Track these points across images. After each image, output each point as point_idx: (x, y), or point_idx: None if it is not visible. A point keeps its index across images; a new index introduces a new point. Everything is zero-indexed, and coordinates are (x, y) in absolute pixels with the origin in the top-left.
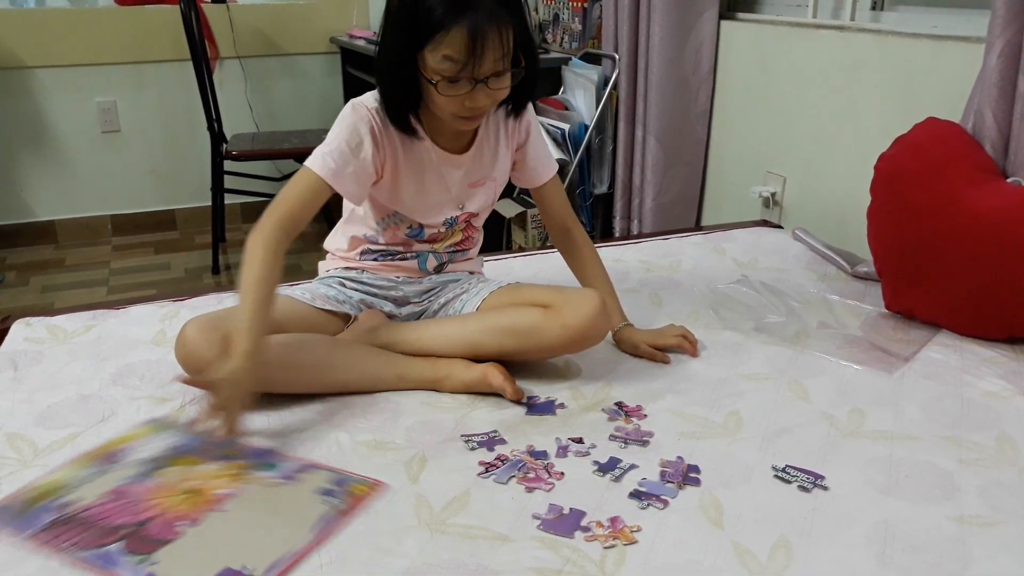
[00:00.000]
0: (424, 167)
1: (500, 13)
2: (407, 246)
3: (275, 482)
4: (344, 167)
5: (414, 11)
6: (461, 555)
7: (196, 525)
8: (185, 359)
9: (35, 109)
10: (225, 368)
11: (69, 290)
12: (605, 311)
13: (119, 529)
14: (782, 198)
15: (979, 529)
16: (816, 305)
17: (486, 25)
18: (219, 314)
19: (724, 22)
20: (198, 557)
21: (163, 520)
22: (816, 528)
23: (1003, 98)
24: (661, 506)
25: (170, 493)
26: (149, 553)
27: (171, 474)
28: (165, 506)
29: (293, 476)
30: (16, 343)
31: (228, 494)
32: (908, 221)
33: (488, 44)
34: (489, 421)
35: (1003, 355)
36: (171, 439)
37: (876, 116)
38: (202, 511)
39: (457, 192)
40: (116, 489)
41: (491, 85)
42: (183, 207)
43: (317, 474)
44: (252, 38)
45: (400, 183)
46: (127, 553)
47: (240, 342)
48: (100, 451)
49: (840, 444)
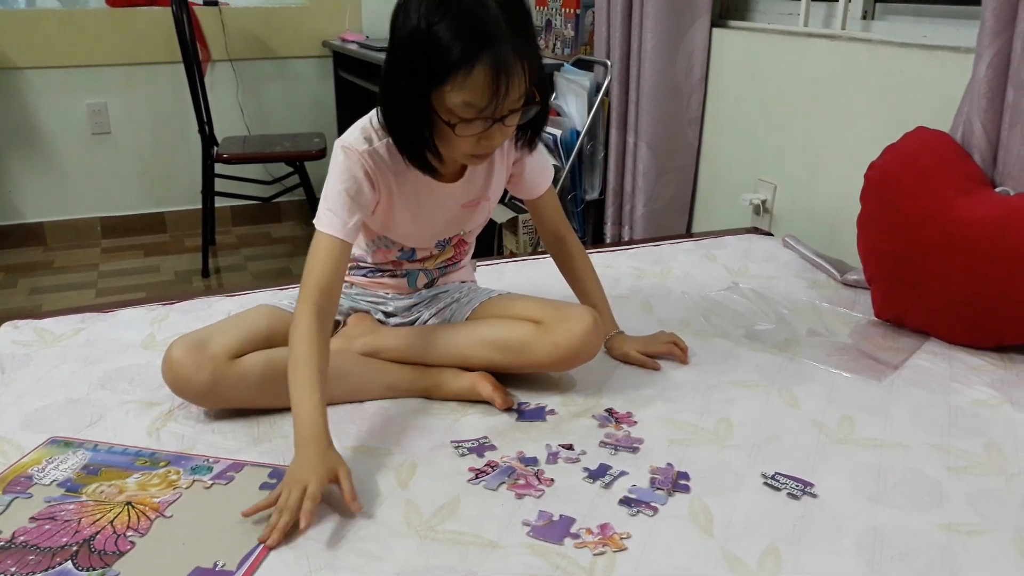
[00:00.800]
0: (420, 198)
1: (520, 47)
2: (397, 265)
3: (213, 483)
4: (351, 218)
5: (428, 48)
6: (451, 561)
7: (145, 535)
8: (175, 381)
9: (25, 110)
10: (307, 472)
11: (58, 292)
12: (597, 329)
13: (64, 548)
14: (773, 205)
15: (967, 537)
16: (806, 312)
17: (510, 62)
18: (203, 332)
19: (716, 30)
20: (161, 563)
21: (108, 534)
22: (805, 535)
23: (992, 108)
24: (651, 513)
25: (106, 508)
26: (107, 567)
27: (96, 491)
28: (104, 521)
29: (229, 476)
30: (3, 346)
31: (169, 500)
32: (898, 229)
33: (512, 83)
34: (479, 427)
35: (991, 363)
36: (77, 458)
37: (866, 125)
38: (147, 520)
39: (452, 216)
40: (39, 514)
41: (507, 123)
42: (173, 210)
43: (253, 471)
44: (244, 41)
45: (394, 215)
46: (81, 570)
47: (318, 442)
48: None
49: (829, 451)
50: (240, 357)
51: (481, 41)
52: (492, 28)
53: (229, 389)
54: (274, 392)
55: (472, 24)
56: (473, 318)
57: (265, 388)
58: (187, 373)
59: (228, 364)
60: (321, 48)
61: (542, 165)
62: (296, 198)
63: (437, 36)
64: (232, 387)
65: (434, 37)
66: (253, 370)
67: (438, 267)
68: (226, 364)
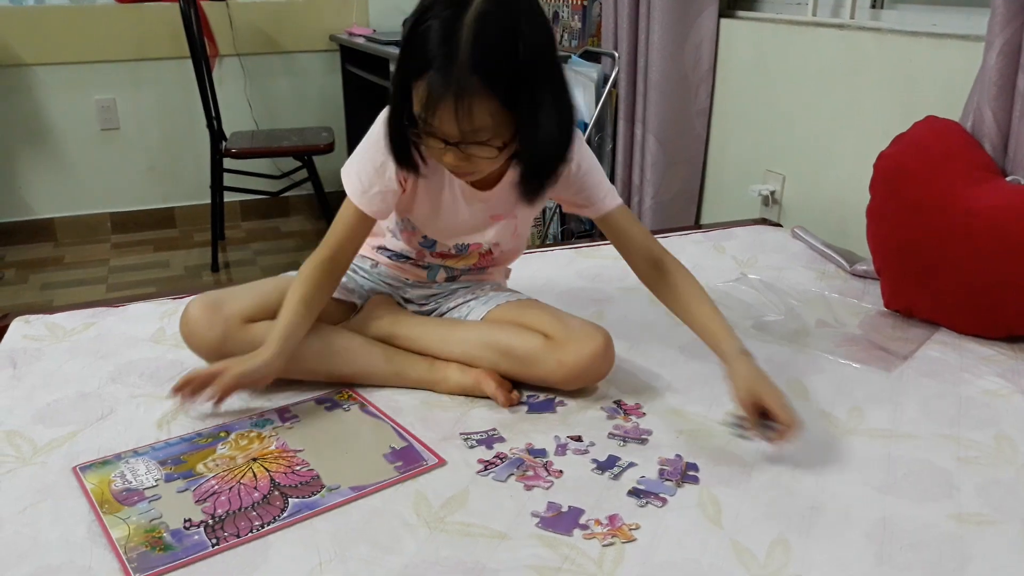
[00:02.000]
0: (442, 191)
1: (470, 83)
2: (420, 255)
3: (291, 424)
4: (370, 187)
5: (410, 44)
6: (460, 553)
7: (303, 466)
8: (188, 336)
9: (34, 107)
10: (245, 361)
11: (68, 288)
12: (607, 352)
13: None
14: (781, 196)
15: (977, 527)
16: (815, 303)
17: (445, 90)
18: (223, 293)
19: (724, 20)
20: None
21: (283, 474)
22: (815, 526)
23: (1002, 96)
24: (660, 504)
25: (243, 471)
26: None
27: (211, 465)
28: (262, 474)
29: (293, 417)
30: (15, 341)
31: (282, 447)
32: (907, 219)
33: (441, 111)
34: (488, 419)
35: (1001, 353)
36: (139, 464)
37: (875, 114)
38: (291, 459)
39: (473, 222)
40: (199, 492)
41: (466, 151)
42: (182, 205)
43: (308, 406)
44: (251, 36)
45: (416, 198)
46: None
47: (268, 346)
48: (109, 500)
49: (839, 442)
50: (254, 322)
51: (432, 58)
52: (447, 52)
53: (237, 350)
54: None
55: (437, 38)
56: (489, 319)
57: None
58: (200, 330)
59: (240, 326)
60: (328, 42)
61: (593, 183)
62: (305, 192)
63: (415, 37)
64: (240, 349)
65: (413, 37)
66: (262, 336)
67: (461, 269)
68: (238, 326)
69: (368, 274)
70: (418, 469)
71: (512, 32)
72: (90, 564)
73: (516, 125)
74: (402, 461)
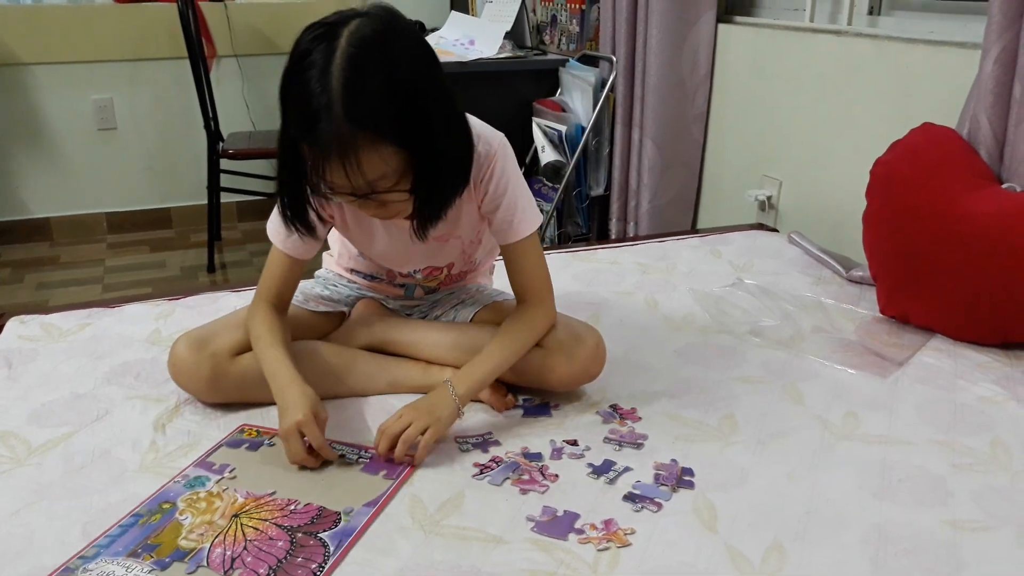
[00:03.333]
0: (373, 224)
1: (350, 135)
2: (391, 276)
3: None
4: (290, 232)
5: (287, 104)
6: (455, 556)
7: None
8: (177, 376)
9: (31, 106)
10: (289, 424)
11: (64, 288)
12: (598, 352)
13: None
14: (778, 202)
15: (972, 534)
16: (811, 309)
17: (328, 148)
18: (206, 329)
19: (721, 25)
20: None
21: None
22: (810, 532)
23: (998, 104)
24: (655, 509)
25: (229, 532)
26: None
27: (184, 541)
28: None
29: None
30: (10, 341)
31: (245, 494)
32: (903, 226)
33: (330, 168)
34: (484, 423)
35: (996, 360)
36: (112, 552)
37: (872, 121)
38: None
39: (416, 248)
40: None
41: (377, 199)
42: (179, 205)
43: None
44: (249, 36)
45: (348, 228)
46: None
47: (294, 402)
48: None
49: (834, 448)
50: (241, 354)
51: (304, 120)
52: (315, 109)
53: (230, 385)
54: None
55: (304, 97)
56: (478, 320)
57: (264, 384)
58: (189, 370)
59: (229, 361)
60: None
61: (513, 207)
62: None
63: (287, 95)
64: (233, 383)
65: (285, 95)
66: (252, 367)
67: (436, 285)
68: (227, 361)
69: (348, 285)
70: (408, 471)
71: (384, 67)
72: None
73: (414, 161)
74: (385, 470)
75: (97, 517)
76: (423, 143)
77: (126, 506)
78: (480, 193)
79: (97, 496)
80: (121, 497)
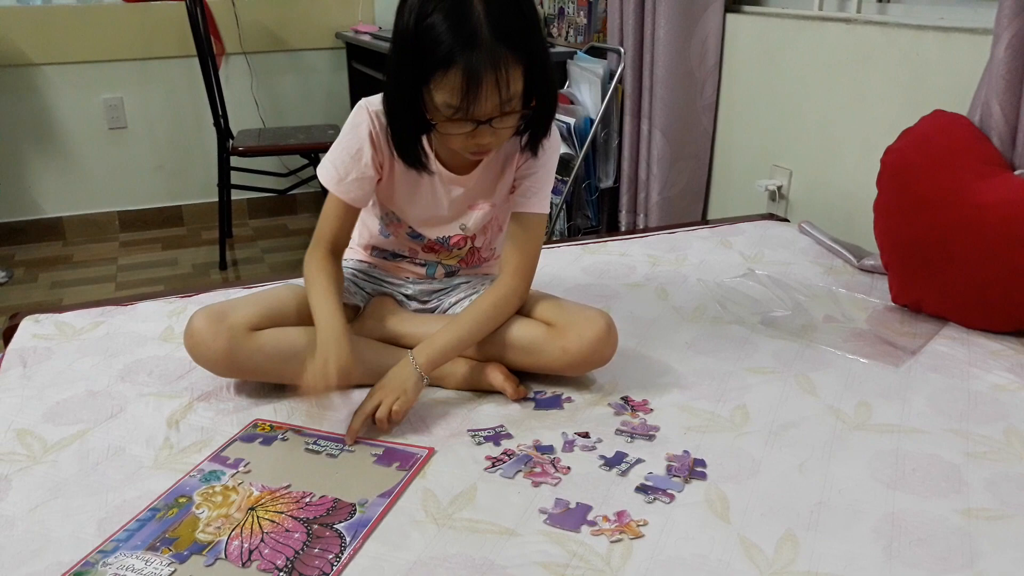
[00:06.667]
0: (421, 177)
1: (501, 53)
2: (413, 252)
3: (239, 475)
4: (346, 174)
5: (418, 43)
6: (468, 549)
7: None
8: (193, 348)
9: (42, 106)
10: (326, 372)
11: (77, 286)
12: (610, 335)
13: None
14: (788, 191)
15: (986, 522)
16: (822, 298)
17: (483, 68)
18: (226, 304)
19: (730, 15)
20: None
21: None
22: (823, 522)
23: (1010, 90)
24: (667, 500)
25: (247, 525)
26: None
27: (202, 533)
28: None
29: (245, 465)
30: (25, 340)
31: (260, 487)
32: (915, 214)
33: (484, 89)
34: (496, 416)
35: (1010, 348)
36: (132, 546)
37: (883, 109)
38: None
39: (452, 210)
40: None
41: (495, 125)
42: (190, 203)
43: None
44: (258, 34)
45: (395, 185)
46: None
47: (333, 350)
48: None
49: (847, 438)
50: (258, 330)
51: (456, 45)
52: (469, 33)
53: (245, 359)
54: (289, 366)
55: (451, 27)
56: None
57: (280, 362)
58: (205, 341)
59: (246, 335)
60: (334, 40)
61: (542, 181)
62: (311, 190)
63: (421, 35)
64: (248, 358)
65: (419, 36)
66: (269, 343)
67: (457, 265)
68: (244, 335)
69: (367, 276)
70: (421, 461)
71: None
72: None
73: (529, 81)
74: (398, 461)
75: (112, 514)
76: (542, 64)
77: (141, 502)
78: (526, 155)
79: (112, 493)
80: (136, 494)
